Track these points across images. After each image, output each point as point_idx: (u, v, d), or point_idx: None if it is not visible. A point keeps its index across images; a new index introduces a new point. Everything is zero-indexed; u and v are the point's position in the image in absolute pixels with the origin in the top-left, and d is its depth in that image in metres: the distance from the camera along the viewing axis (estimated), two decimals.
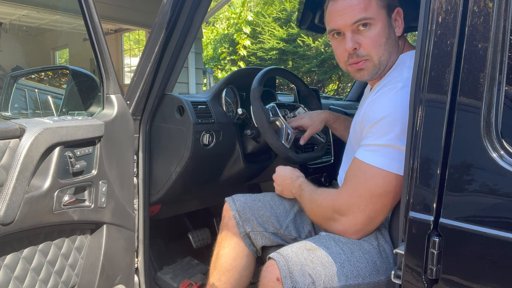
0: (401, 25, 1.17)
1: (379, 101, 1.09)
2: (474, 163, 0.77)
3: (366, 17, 1.12)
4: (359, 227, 1.12)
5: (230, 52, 10.08)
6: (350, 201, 1.10)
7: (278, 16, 9.54)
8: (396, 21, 1.18)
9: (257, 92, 1.52)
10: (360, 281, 1.09)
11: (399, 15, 1.17)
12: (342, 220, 1.13)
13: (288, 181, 1.38)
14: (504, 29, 0.74)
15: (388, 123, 1.03)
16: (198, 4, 1.51)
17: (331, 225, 1.17)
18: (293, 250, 1.12)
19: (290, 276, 1.06)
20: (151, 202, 1.70)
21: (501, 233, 0.74)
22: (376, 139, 1.05)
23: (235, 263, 1.38)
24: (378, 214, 1.10)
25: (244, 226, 1.39)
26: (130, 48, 9.40)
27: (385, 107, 1.05)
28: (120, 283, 1.50)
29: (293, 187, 1.36)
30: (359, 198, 1.08)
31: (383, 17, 1.14)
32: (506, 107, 0.76)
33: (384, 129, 1.04)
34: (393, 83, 1.11)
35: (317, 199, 1.21)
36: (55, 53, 9.86)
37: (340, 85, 9.39)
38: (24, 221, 1.11)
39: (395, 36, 1.18)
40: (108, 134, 1.35)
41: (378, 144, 1.05)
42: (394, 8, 1.17)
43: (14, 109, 1.69)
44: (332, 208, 1.14)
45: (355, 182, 1.10)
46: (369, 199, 1.07)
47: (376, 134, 1.05)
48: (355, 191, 1.09)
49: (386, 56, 1.16)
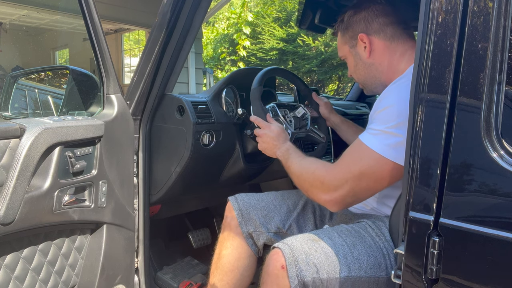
0: (369, 47, 1.30)
1: (387, 93, 1.16)
2: (474, 163, 0.77)
3: (340, 56, 1.44)
4: (343, 201, 1.14)
5: (230, 52, 10.09)
6: (341, 176, 1.12)
7: (278, 16, 9.55)
8: (364, 45, 1.31)
9: (257, 92, 1.52)
10: (362, 274, 1.09)
11: (363, 40, 1.30)
12: (330, 192, 1.14)
13: (275, 142, 1.38)
14: (504, 29, 0.74)
15: (392, 112, 1.08)
16: (198, 4, 1.51)
17: (317, 193, 1.18)
18: (298, 240, 1.13)
19: (295, 264, 1.07)
20: (151, 202, 1.70)
21: (501, 233, 0.74)
22: (378, 124, 1.10)
23: (238, 263, 1.38)
24: (362, 193, 1.13)
25: (247, 226, 1.39)
26: (130, 48, 9.40)
27: (391, 98, 1.12)
28: (120, 283, 1.49)
29: (279, 149, 1.36)
30: (349, 174, 1.10)
31: (347, 51, 1.38)
32: (506, 107, 0.76)
33: (387, 116, 1.09)
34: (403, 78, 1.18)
35: (309, 166, 1.22)
36: (55, 53, 9.87)
37: (340, 85, 9.40)
38: (24, 221, 1.11)
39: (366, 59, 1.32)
40: (108, 134, 1.35)
41: (379, 129, 1.09)
42: (357, 37, 1.31)
43: (14, 109, 1.69)
44: (323, 179, 1.15)
45: (350, 158, 1.14)
46: (358, 176, 1.09)
47: (380, 120, 1.11)
48: (348, 166, 1.12)
49: (368, 75, 1.35)
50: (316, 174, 1.18)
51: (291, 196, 1.50)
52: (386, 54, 1.28)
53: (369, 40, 1.29)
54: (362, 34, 1.29)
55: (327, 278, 1.07)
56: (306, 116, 1.67)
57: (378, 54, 1.29)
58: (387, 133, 1.06)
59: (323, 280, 1.07)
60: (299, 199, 1.49)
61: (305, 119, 1.67)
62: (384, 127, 1.07)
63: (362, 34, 1.29)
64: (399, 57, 1.27)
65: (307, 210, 1.47)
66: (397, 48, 1.27)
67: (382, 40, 1.28)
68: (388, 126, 1.07)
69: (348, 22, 1.35)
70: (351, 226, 1.24)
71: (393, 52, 1.28)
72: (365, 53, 1.31)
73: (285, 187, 2.29)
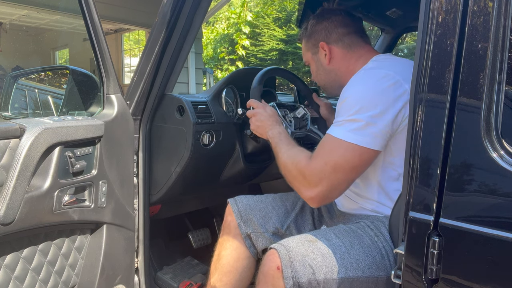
0: (328, 55, 1.40)
1: (344, 89, 1.23)
2: (474, 163, 0.77)
3: (304, 61, 1.53)
4: (323, 196, 1.16)
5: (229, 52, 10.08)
6: (318, 170, 1.15)
7: (278, 16, 9.55)
8: (324, 53, 1.40)
9: (257, 92, 1.52)
10: (359, 274, 1.09)
11: (323, 48, 1.40)
12: (311, 188, 1.16)
13: (269, 122, 1.40)
14: (504, 29, 0.74)
15: (349, 102, 1.17)
16: (198, 4, 1.51)
17: (299, 188, 1.21)
18: (294, 241, 1.13)
19: (291, 265, 1.07)
20: (151, 202, 1.70)
21: (501, 233, 0.74)
22: (340, 116, 1.17)
23: (237, 264, 1.38)
24: (340, 184, 1.15)
25: (246, 227, 1.39)
26: (130, 48, 9.40)
27: (346, 91, 1.21)
28: (120, 283, 1.49)
29: (271, 129, 1.38)
30: (325, 166, 1.14)
31: (310, 57, 1.48)
32: (506, 107, 0.76)
33: (346, 107, 1.16)
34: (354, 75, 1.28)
35: (294, 158, 1.24)
36: (55, 53, 9.87)
37: None
38: (24, 221, 1.11)
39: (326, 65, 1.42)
40: (108, 134, 1.35)
41: (341, 120, 1.16)
42: (318, 45, 1.41)
43: (14, 109, 1.69)
44: (303, 174, 1.18)
45: (322, 152, 1.17)
46: (333, 168, 1.13)
47: (341, 112, 1.18)
48: (322, 160, 1.15)
49: (328, 80, 1.45)
50: (299, 166, 1.20)
51: (289, 198, 1.50)
52: (344, 61, 1.39)
53: (329, 48, 1.39)
54: (323, 42, 1.40)
55: (324, 279, 1.07)
56: (306, 116, 1.67)
57: (337, 61, 1.40)
58: (349, 121, 1.13)
59: (319, 281, 1.07)
60: (297, 200, 1.49)
61: (305, 119, 1.67)
62: (346, 116, 1.14)
63: (323, 42, 1.40)
64: (355, 62, 1.36)
65: (306, 211, 1.48)
66: (354, 54, 1.38)
67: (340, 49, 1.39)
68: (348, 115, 1.14)
69: (311, 31, 1.44)
70: (349, 226, 1.24)
71: (350, 58, 1.38)
72: (325, 60, 1.41)
73: (285, 187, 2.28)
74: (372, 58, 1.33)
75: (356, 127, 1.11)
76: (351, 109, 1.14)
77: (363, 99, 1.14)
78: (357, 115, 1.12)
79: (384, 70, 1.19)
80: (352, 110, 1.13)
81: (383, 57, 1.34)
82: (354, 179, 1.18)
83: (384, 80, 1.15)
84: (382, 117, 1.11)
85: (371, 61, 1.31)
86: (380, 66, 1.24)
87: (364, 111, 1.11)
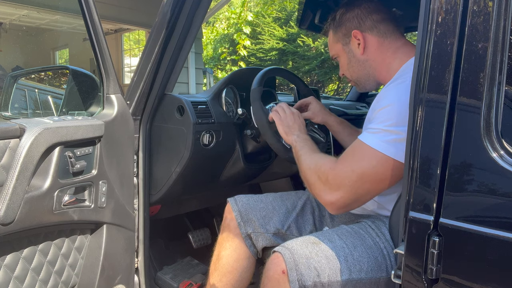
0: (363, 44, 1.31)
1: (386, 92, 1.15)
2: (474, 163, 0.77)
3: (332, 55, 1.44)
4: (346, 203, 1.11)
5: (230, 52, 10.08)
6: (343, 175, 1.10)
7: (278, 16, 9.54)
8: (358, 42, 1.31)
9: (257, 93, 1.52)
10: (362, 276, 1.09)
11: (357, 36, 1.31)
12: (333, 193, 1.11)
13: (296, 127, 1.38)
14: (504, 29, 0.74)
15: (391, 111, 1.09)
16: (198, 4, 1.51)
17: (320, 192, 1.15)
18: (298, 244, 1.12)
19: (296, 269, 1.06)
20: (151, 202, 1.70)
21: (501, 233, 0.74)
22: (377, 123, 1.10)
23: (237, 264, 1.38)
24: (365, 194, 1.10)
25: (246, 227, 1.39)
26: (130, 48, 9.40)
27: (389, 97, 1.13)
28: (120, 283, 1.49)
29: (297, 135, 1.34)
30: (351, 174, 1.08)
31: (340, 49, 1.38)
32: (506, 107, 0.76)
33: (386, 115, 1.09)
34: (401, 79, 1.17)
35: (318, 161, 1.20)
36: (55, 53, 9.87)
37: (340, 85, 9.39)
38: (24, 221, 1.11)
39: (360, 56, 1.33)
40: (108, 134, 1.35)
41: (378, 128, 1.09)
42: (350, 34, 1.32)
43: (14, 109, 1.69)
44: (327, 178, 1.13)
45: (351, 158, 1.12)
46: (360, 176, 1.07)
47: (379, 119, 1.10)
48: (349, 167, 1.10)
49: (362, 72, 1.36)
50: (322, 169, 1.16)
51: (290, 197, 1.50)
52: (380, 51, 1.30)
53: (363, 36, 1.30)
54: (356, 30, 1.30)
55: (328, 282, 1.06)
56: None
57: (372, 51, 1.31)
58: (387, 131, 1.06)
59: (324, 284, 1.06)
60: (297, 200, 1.49)
61: (305, 119, 1.67)
62: (383, 126, 1.08)
63: (356, 30, 1.30)
64: (392, 55, 1.28)
65: (306, 211, 1.47)
66: (390, 45, 1.29)
67: (375, 37, 1.29)
68: (387, 125, 1.07)
69: (340, 20, 1.35)
70: (351, 227, 1.24)
71: (386, 49, 1.29)
72: (359, 50, 1.32)
73: (285, 187, 2.29)
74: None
75: (393, 140, 1.04)
76: (390, 119, 1.07)
77: (406, 111, 1.04)
78: (396, 127, 1.05)
79: None
80: (391, 120, 1.07)
81: None
82: (380, 191, 1.11)
83: None
84: None
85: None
86: None
87: (405, 124, 0.98)
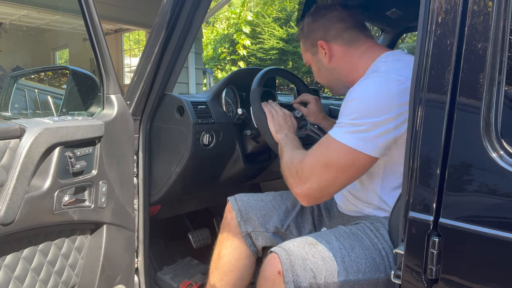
0: (328, 54, 1.35)
1: (351, 90, 1.19)
2: (474, 163, 0.77)
3: (305, 62, 1.48)
4: (311, 194, 1.16)
5: (230, 52, 10.08)
6: (309, 167, 1.15)
7: (278, 16, 9.54)
8: (324, 52, 1.35)
9: (257, 93, 1.52)
10: (360, 277, 1.09)
11: (322, 46, 1.35)
12: (301, 185, 1.17)
13: (286, 127, 1.42)
14: (504, 29, 0.74)
15: (353, 105, 1.13)
16: (198, 4, 1.51)
17: (291, 184, 1.21)
18: (295, 244, 1.12)
19: (292, 270, 1.06)
20: (151, 202, 1.70)
21: (501, 233, 0.74)
22: (343, 117, 1.14)
23: (237, 263, 1.38)
24: (330, 185, 1.14)
25: (246, 226, 1.39)
26: (130, 48, 9.40)
27: (353, 92, 1.16)
28: (120, 283, 1.50)
29: (285, 133, 1.39)
30: (316, 164, 1.14)
31: (310, 58, 1.43)
32: (506, 107, 0.76)
33: (350, 109, 1.13)
34: (363, 77, 1.22)
35: (293, 157, 1.25)
36: (55, 53, 9.87)
37: None
38: (24, 221, 1.11)
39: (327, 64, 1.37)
40: (108, 134, 1.35)
41: (343, 122, 1.13)
42: (317, 44, 1.36)
43: (14, 109, 1.69)
44: (296, 169, 1.19)
45: (317, 150, 1.17)
46: (324, 166, 1.12)
47: (344, 113, 1.15)
48: (315, 157, 1.16)
49: (331, 79, 1.41)
50: (294, 163, 1.21)
51: (290, 197, 1.49)
52: (346, 58, 1.34)
53: (328, 46, 1.34)
54: (321, 41, 1.34)
55: (325, 283, 1.06)
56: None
57: (338, 59, 1.35)
58: (350, 124, 1.11)
59: (320, 285, 1.06)
60: (297, 200, 1.49)
61: (305, 119, 1.67)
62: (347, 119, 1.12)
63: (321, 41, 1.34)
64: (358, 60, 1.31)
65: (306, 210, 1.47)
66: (356, 50, 1.32)
67: (340, 46, 1.33)
68: (350, 118, 1.11)
69: (307, 30, 1.40)
70: (349, 228, 1.24)
71: (352, 55, 1.33)
72: (326, 59, 1.36)
73: (285, 187, 2.29)
74: (381, 55, 1.27)
75: (356, 130, 1.09)
76: (355, 112, 1.11)
77: (369, 105, 1.10)
78: (360, 119, 1.09)
79: (395, 74, 1.13)
80: (356, 113, 1.11)
81: (395, 57, 1.24)
82: (345, 182, 1.15)
83: (394, 86, 1.10)
84: (386, 125, 1.07)
85: (381, 61, 1.25)
86: (391, 70, 1.17)
87: (368, 117, 1.08)
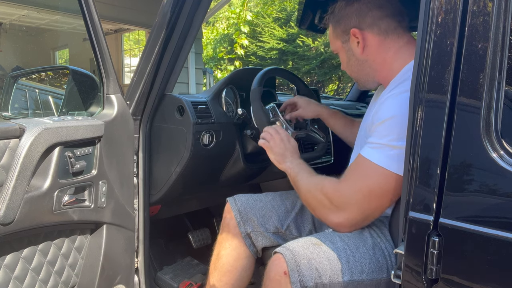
0: (362, 43, 1.23)
1: (388, 102, 1.11)
2: (474, 163, 0.77)
3: (333, 50, 1.36)
4: (353, 222, 1.13)
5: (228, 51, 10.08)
6: (349, 195, 1.10)
7: (278, 16, 9.54)
8: (357, 41, 1.24)
9: (257, 93, 1.52)
10: (364, 277, 1.09)
11: (355, 35, 1.23)
12: (339, 213, 1.13)
13: (287, 154, 1.33)
14: (504, 29, 0.74)
15: (392, 124, 1.06)
16: (198, 4, 1.51)
17: (325, 214, 1.15)
18: (299, 244, 1.12)
19: (297, 270, 1.06)
20: (151, 202, 1.70)
21: (501, 233, 0.74)
22: (379, 138, 1.08)
23: (237, 264, 1.38)
24: (373, 212, 1.11)
25: (245, 226, 1.39)
26: (130, 48, 9.40)
27: (392, 108, 1.08)
28: (120, 283, 1.50)
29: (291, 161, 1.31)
30: (357, 193, 1.09)
31: (339, 46, 1.31)
32: (506, 107, 0.76)
33: (388, 129, 1.06)
34: (403, 86, 1.11)
35: (318, 183, 1.18)
36: (55, 53, 9.86)
37: (340, 85, 9.39)
38: (24, 221, 1.11)
39: (359, 55, 1.25)
40: (108, 134, 1.35)
41: (380, 143, 1.07)
42: (349, 31, 1.24)
43: (14, 109, 1.69)
44: (331, 198, 1.13)
45: (355, 177, 1.11)
46: (367, 195, 1.08)
47: (381, 133, 1.08)
48: (355, 185, 1.10)
49: (361, 72, 1.29)
50: (325, 190, 1.15)
51: (289, 197, 1.49)
52: (381, 51, 1.22)
53: (362, 35, 1.22)
54: (355, 29, 1.22)
55: (330, 283, 1.06)
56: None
57: (372, 51, 1.23)
58: (389, 146, 1.04)
59: (325, 285, 1.06)
60: (297, 200, 1.48)
61: (305, 119, 1.67)
62: (386, 140, 1.05)
63: (355, 29, 1.22)
64: (393, 55, 1.22)
65: (306, 210, 1.47)
66: (392, 44, 1.22)
67: (376, 35, 1.21)
68: (390, 139, 1.04)
69: (339, 15, 1.27)
70: None
71: (388, 49, 1.22)
72: (358, 49, 1.24)
73: (285, 187, 2.29)
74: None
75: (396, 155, 1.02)
76: (393, 132, 1.03)
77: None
78: (398, 141, 1.02)
79: None
80: (394, 134, 1.03)
81: None
82: (388, 206, 1.10)
83: None
84: None
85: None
86: None
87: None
